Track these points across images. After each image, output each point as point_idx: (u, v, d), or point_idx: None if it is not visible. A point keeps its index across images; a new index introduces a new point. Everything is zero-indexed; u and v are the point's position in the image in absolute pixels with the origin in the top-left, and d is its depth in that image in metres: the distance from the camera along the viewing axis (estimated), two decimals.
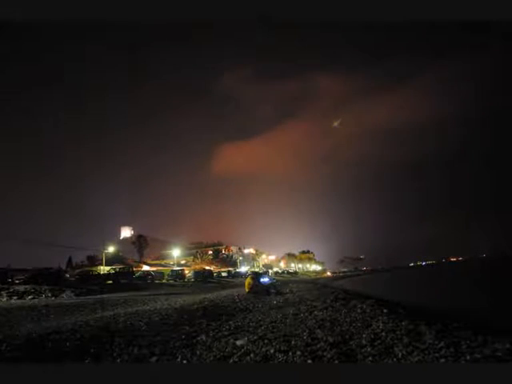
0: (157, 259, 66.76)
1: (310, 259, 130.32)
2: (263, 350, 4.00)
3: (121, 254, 59.79)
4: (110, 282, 25.62)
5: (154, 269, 41.77)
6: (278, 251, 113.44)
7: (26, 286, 17.27)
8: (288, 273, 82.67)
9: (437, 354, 3.30)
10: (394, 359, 3.29)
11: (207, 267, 47.71)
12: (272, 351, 3.88)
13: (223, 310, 8.32)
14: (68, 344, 4.67)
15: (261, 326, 5.78)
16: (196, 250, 67.74)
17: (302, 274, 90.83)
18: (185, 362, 3.82)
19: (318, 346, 3.98)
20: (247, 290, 14.04)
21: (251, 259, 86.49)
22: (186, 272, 36.00)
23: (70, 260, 54.36)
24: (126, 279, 27.19)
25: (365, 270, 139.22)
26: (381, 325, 4.95)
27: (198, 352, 4.17)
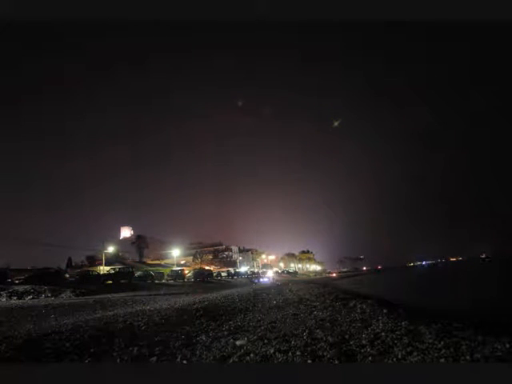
0: (157, 259, 66.68)
1: (309, 259, 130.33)
2: (263, 350, 3.99)
3: (121, 254, 59.74)
4: (110, 282, 25.62)
5: (153, 269, 41.78)
6: (278, 251, 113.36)
7: (26, 286, 17.27)
8: (288, 273, 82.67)
9: (437, 354, 3.30)
10: (394, 359, 3.30)
11: (207, 267, 47.71)
12: (272, 351, 3.88)
13: (223, 310, 8.32)
14: (68, 344, 4.67)
15: (260, 326, 5.77)
16: (196, 249, 67.75)
17: (302, 274, 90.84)
18: (185, 362, 3.82)
19: (318, 346, 3.98)
20: None
21: (251, 259, 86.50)
22: (186, 272, 35.99)
23: (69, 260, 54.37)
24: (125, 279, 27.21)
25: (364, 270, 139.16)
26: (381, 325, 4.95)
27: (197, 352, 4.16)
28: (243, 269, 60.95)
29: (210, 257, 63.48)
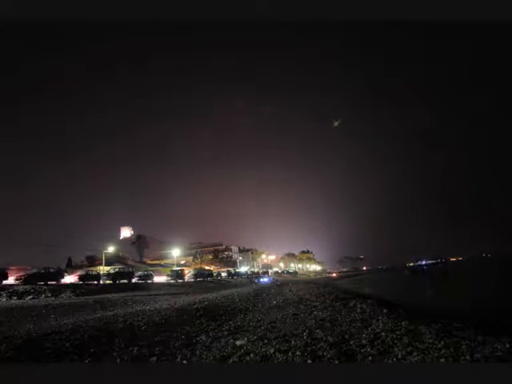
0: (157, 259, 66.72)
1: (309, 259, 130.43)
2: (263, 350, 3.99)
3: (121, 254, 59.76)
4: (110, 282, 25.63)
5: (153, 269, 41.79)
6: (278, 251, 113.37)
7: (26, 286, 17.27)
8: (288, 273, 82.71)
9: (437, 354, 3.30)
10: (394, 359, 3.30)
11: (207, 267, 47.72)
12: (272, 351, 3.88)
13: (223, 310, 8.32)
14: (68, 344, 4.67)
15: (260, 326, 5.77)
16: (196, 249, 67.76)
17: (302, 274, 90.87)
18: (185, 362, 3.82)
19: (318, 346, 3.98)
20: None
21: (251, 259, 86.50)
22: (186, 272, 36.00)
23: (69, 260, 54.36)
24: (125, 279, 27.22)
25: (364, 270, 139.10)
26: (381, 325, 4.95)
27: (197, 352, 4.17)
28: (243, 269, 60.95)
29: (210, 257, 63.47)
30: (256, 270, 63.59)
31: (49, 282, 20.55)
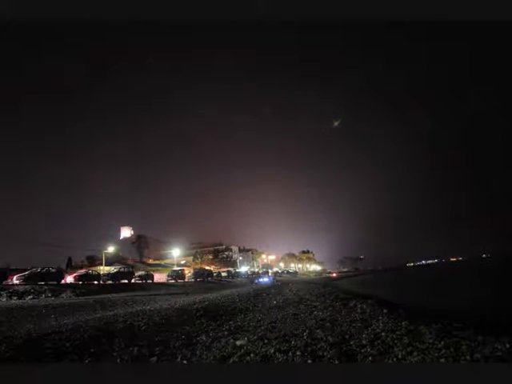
0: (157, 259, 66.73)
1: (309, 259, 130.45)
2: (263, 350, 3.99)
3: (121, 254, 59.76)
4: (110, 282, 25.64)
5: (153, 269, 41.77)
6: (278, 251, 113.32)
7: (26, 286, 17.28)
8: (288, 273, 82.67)
9: (437, 354, 3.30)
10: (394, 359, 3.29)
11: (207, 267, 47.70)
12: (272, 351, 3.88)
13: (223, 310, 8.32)
14: (68, 344, 4.67)
15: (261, 326, 5.77)
16: (196, 249, 67.72)
17: (302, 274, 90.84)
18: (185, 362, 3.82)
19: (318, 346, 3.98)
20: None
21: (251, 259, 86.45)
22: (186, 272, 35.99)
23: (69, 260, 54.36)
24: (126, 279, 27.23)
25: (365, 270, 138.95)
26: (381, 325, 4.95)
27: (198, 352, 4.17)
28: (243, 269, 60.95)
29: (210, 257, 63.42)
30: (256, 270, 63.57)
31: (49, 282, 20.56)
